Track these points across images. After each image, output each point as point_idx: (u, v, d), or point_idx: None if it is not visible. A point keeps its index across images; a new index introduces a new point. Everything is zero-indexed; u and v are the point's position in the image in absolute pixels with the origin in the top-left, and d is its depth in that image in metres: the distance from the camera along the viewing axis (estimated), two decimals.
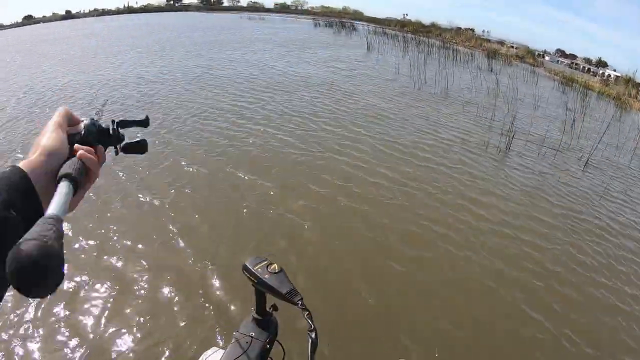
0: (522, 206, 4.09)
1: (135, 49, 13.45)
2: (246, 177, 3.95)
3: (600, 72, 27.26)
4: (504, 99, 9.25)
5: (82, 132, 0.49)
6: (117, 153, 0.54)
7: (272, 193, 3.68)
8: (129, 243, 2.86)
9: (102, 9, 55.56)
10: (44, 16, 55.87)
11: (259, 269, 0.61)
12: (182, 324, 2.18)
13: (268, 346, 0.71)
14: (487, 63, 15.61)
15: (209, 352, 0.93)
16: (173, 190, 3.62)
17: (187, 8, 51.49)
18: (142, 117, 0.56)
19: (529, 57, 23.07)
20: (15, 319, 2.16)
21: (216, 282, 2.52)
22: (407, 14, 40.31)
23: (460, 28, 32.41)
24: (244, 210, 3.38)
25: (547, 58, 29.13)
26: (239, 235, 3.06)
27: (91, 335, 2.09)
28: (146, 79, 8.37)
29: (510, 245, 3.33)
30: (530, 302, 2.70)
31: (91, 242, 2.86)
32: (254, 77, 8.87)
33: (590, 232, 3.82)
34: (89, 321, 2.19)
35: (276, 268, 0.64)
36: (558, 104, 10.62)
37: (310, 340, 0.52)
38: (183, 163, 4.21)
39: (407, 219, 3.50)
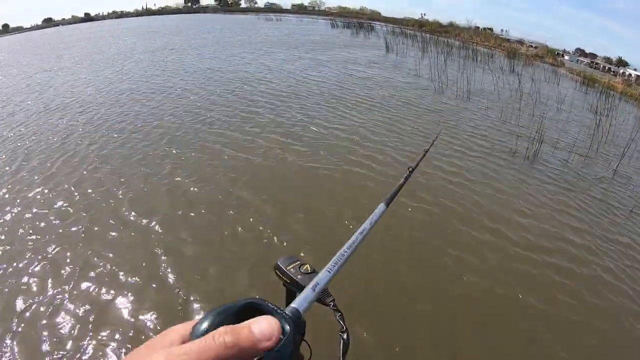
0: (550, 225, 3.95)
1: (147, 52, 14.07)
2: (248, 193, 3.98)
3: (621, 71, 26.87)
4: (528, 101, 9.43)
5: None
6: None
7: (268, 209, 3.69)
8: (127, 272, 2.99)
9: (121, 11, 57.08)
10: (63, 19, 57.56)
11: (292, 269, 0.61)
12: None
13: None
14: (508, 63, 15.71)
15: None
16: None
17: (204, 10, 52.50)
18: None
19: (549, 56, 22.97)
20: None
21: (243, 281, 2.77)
22: (424, 14, 40.38)
23: (478, 27, 32.39)
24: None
25: (566, 57, 28.83)
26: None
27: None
28: (149, 84, 8.88)
29: (537, 271, 3.20)
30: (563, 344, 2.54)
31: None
32: (267, 82, 9.10)
33: (622, 253, 3.69)
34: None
35: (308, 268, 0.62)
36: (582, 106, 10.72)
37: (342, 341, 0.51)
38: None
39: (423, 242, 3.42)
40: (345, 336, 0.51)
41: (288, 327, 0.34)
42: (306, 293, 0.41)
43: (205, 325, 0.32)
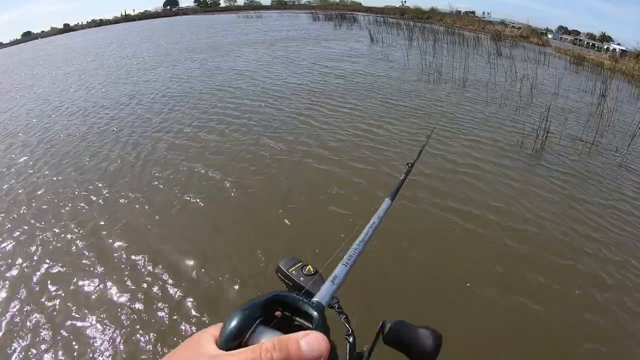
0: (561, 240, 3.32)
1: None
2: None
3: (605, 47, 26.48)
4: (523, 86, 8.88)
5: None
6: None
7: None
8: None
9: (100, 19, 55.25)
10: (42, 31, 55.74)
11: (294, 271, 0.58)
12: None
13: None
14: (496, 47, 15.09)
15: None
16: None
17: (184, 12, 50.93)
18: None
19: (534, 36, 22.41)
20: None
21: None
22: (405, 1, 39.44)
23: (460, 12, 31.67)
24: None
25: (550, 36, 28.35)
26: None
27: None
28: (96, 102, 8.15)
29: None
30: None
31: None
32: (235, 95, 8.27)
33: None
34: None
35: (311, 270, 0.60)
36: (577, 87, 10.16)
37: (347, 344, 0.48)
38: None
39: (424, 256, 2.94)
40: (351, 339, 0.48)
41: (316, 314, 0.34)
42: (327, 286, 0.41)
43: (234, 322, 0.32)
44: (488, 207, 3.67)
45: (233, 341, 0.30)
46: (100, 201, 3.76)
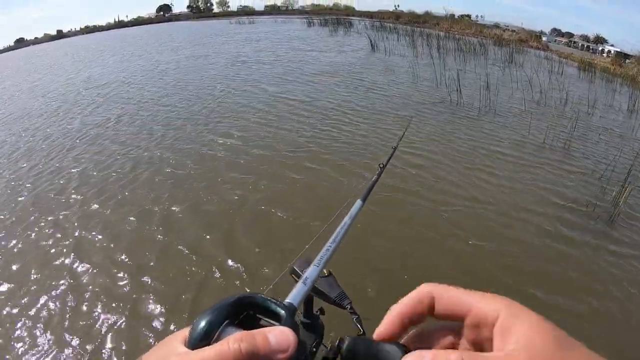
0: None
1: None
2: None
3: (600, 48, 25.37)
4: (556, 105, 7.58)
5: None
6: None
7: None
8: None
9: (94, 26, 52.70)
10: (35, 38, 53.12)
11: None
12: None
13: (314, 349, 0.66)
14: (507, 54, 13.71)
15: None
16: None
17: (177, 18, 48.59)
18: None
19: (533, 39, 21.14)
20: None
21: None
22: (398, 5, 37.78)
23: (454, 15, 30.23)
24: None
25: (544, 38, 27.15)
26: None
27: None
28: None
29: None
30: None
31: None
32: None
33: None
34: None
35: (325, 272, 0.59)
36: (604, 102, 8.89)
37: None
38: None
39: None
40: None
41: (284, 312, 0.32)
42: (298, 288, 0.39)
43: (202, 323, 0.30)
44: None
45: (201, 342, 0.29)
46: None
